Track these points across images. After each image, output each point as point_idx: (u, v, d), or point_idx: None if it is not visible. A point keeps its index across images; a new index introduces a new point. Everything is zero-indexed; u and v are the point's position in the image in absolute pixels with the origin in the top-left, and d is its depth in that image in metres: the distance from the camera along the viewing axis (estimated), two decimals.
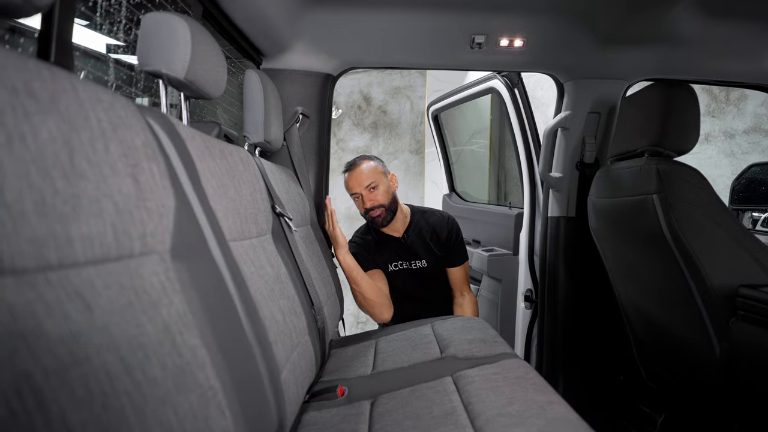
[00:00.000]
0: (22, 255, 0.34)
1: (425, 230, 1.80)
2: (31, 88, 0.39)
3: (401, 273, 1.79)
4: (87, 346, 0.36)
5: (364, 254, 1.73)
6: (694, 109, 1.22)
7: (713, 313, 1.11)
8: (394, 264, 1.78)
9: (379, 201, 1.67)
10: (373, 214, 1.68)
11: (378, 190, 1.67)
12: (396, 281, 1.78)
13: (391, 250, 1.78)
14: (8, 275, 0.32)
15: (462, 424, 0.84)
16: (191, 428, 0.45)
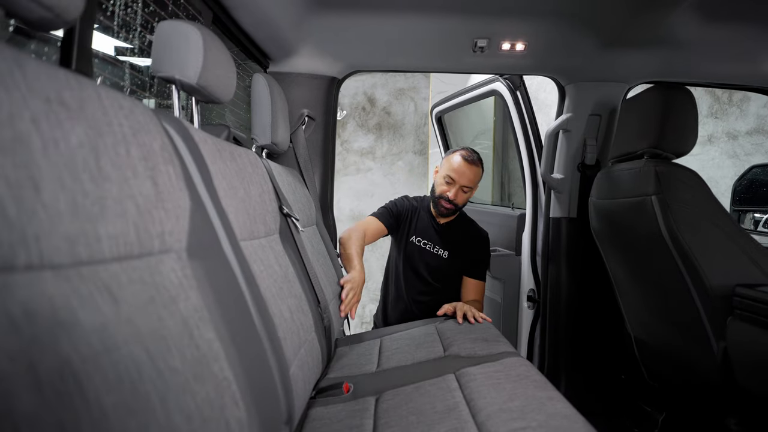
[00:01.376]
0: (58, 251, 0.37)
1: (462, 232, 1.85)
2: (61, 97, 0.42)
3: (420, 250, 1.82)
4: (116, 336, 0.39)
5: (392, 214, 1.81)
6: (692, 112, 1.25)
7: (711, 312, 1.13)
8: (419, 239, 1.82)
9: (460, 202, 1.73)
10: (447, 206, 1.73)
11: (467, 194, 1.74)
12: (413, 253, 1.82)
13: (425, 228, 1.83)
14: (47, 270, 0.35)
15: (464, 419, 0.87)
16: (208, 416, 0.48)
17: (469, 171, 1.69)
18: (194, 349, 0.50)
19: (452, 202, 1.71)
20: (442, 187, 1.73)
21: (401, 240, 1.84)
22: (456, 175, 1.69)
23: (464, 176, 1.69)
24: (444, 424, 0.86)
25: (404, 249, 1.83)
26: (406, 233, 1.83)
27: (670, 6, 1.26)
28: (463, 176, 1.69)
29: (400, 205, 1.84)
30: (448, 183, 1.71)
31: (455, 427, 0.84)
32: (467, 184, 1.70)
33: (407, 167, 4.53)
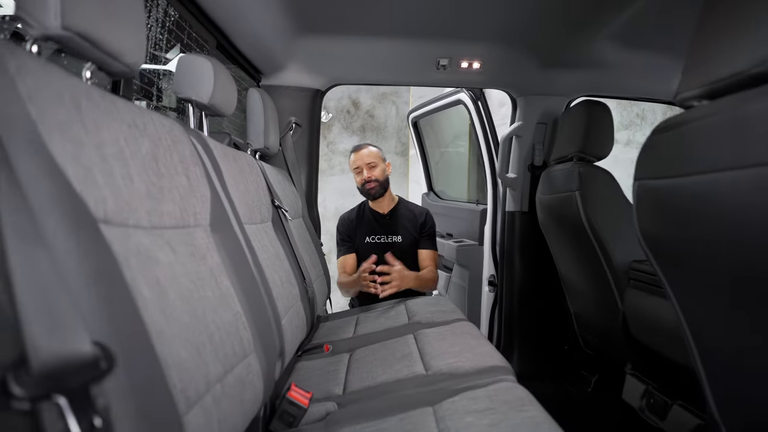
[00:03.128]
0: (141, 219, 0.62)
1: (406, 214, 2.15)
2: (135, 122, 0.67)
3: (375, 246, 2.09)
4: (177, 271, 0.64)
5: (345, 240, 2.12)
6: (609, 124, 1.53)
7: (617, 283, 1.41)
8: (371, 237, 2.12)
9: (375, 176, 2.05)
10: (369, 186, 2.05)
11: (376, 168, 2.06)
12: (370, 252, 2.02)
13: (372, 224, 2.13)
14: (140, 229, 0.60)
15: (415, 359, 1.14)
16: (229, 331, 0.73)
17: (361, 154, 2.07)
18: (217, 288, 0.75)
19: (370, 180, 2.04)
20: (357, 178, 2.09)
21: (359, 247, 2.12)
22: (356, 163, 2.07)
23: (361, 159, 2.06)
24: (400, 364, 1.12)
25: (361, 251, 2.10)
26: (359, 239, 2.12)
27: (594, 34, 1.54)
28: (360, 159, 2.06)
29: (343, 228, 2.14)
30: (358, 173, 2.07)
31: (407, 365, 1.11)
32: (368, 161, 2.05)
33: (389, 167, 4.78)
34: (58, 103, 0.50)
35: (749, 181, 0.59)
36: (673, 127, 0.75)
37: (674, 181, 0.73)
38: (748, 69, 0.60)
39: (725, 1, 0.68)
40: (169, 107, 1.72)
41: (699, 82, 0.70)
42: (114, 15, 0.64)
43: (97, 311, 0.44)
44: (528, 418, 0.76)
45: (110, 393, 0.41)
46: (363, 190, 2.09)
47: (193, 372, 0.58)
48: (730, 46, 0.65)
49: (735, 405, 0.81)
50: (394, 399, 0.93)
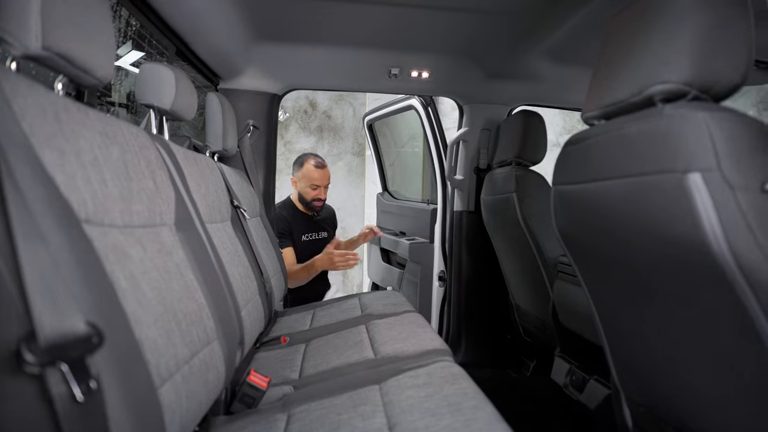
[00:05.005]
0: (115, 219, 0.69)
1: (325, 214, 2.48)
2: (106, 131, 0.74)
3: (311, 242, 2.36)
4: (147, 266, 0.72)
5: (284, 234, 2.25)
6: (543, 132, 1.70)
7: (548, 276, 1.58)
8: (306, 235, 2.35)
9: (325, 197, 2.33)
10: (319, 204, 2.30)
11: (328, 189, 2.33)
12: (308, 248, 2.32)
13: (305, 224, 2.35)
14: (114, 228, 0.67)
15: (366, 346, 1.25)
16: (194, 320, 0.81)
17: (325, 173, 2.26)
18: (182, 281, 0.83)
19: (322, 200, 2.29)
20: (311, 192, 2.26)
21: (296, 244, 2.29)
22: (318, 181, 2.24)
23: (324, 178, 2.26)
24: (351, 350, 1.23)
25: (300, 249, 2.28)
26: (296, 237, 2.31)
27: (532, 50, 1.70)
28: (323, 179, 2.26)
29: (281, 224, 2.26)
30: (315, 188, 2.25)
31: (358, 351, 1.21)
32: (327, 182, 2.29)
33: (347, 167, 4.86)
34: (44, 118, 0.57)
35: (630, 189, 0.74)
36: (579, 141, 0.90)
37: (578, 186, 0.88)
38: (629, 98, 0.75)
39: (615, 41, 0.83)
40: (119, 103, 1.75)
41: (596, 105, 0.84)
42: (88, 34, 0.71)
43: (86, 297, 0.52)
44: (459, 389, 0.89)
45: (100, 364, 0.49)
46: (309, 204, 2.28)
47: (164, 352, 0.66)
48: (617, 77, 0.80)
49: (629, 374, 0.97)
50: (345, 380, 1.04)
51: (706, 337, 0.71)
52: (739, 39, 0.65)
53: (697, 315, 0.71)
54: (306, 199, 2.28)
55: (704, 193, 0.60)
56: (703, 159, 0.60)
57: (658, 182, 0.67)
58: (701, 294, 0.67)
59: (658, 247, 0.71)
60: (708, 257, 0.62)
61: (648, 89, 0.70)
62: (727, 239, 0.59)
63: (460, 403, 0.82)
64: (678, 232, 0.65)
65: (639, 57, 0.75)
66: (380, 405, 0.87)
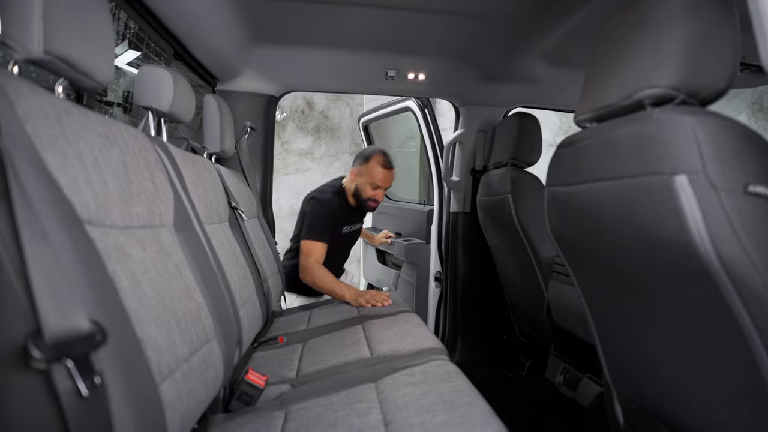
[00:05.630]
0: (116, 220, 0.70)
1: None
2: (106, 133, 0.76)
3: (350, 234, 2.20)
4: (147, 265, 0.73)
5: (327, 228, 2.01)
6: (538, 134, 1.72)
7: (543, 276, 1.60)
8: (347, 227, 2.16)
9: (382, 200, 2.12)
10: (374, 204, 2.10)
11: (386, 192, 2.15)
12: (345, 240, 2.17)
13: (348, 214, 2.14)
14: (115, 228, 0.69)
15: (363, 345, 1.26)
16: (193, 319, 0.83)
17: (391, 176, 2.07)
18: (182, 281, 0.84)
19: (378, 201, 2.09)
20: (370, 191, 2.05)
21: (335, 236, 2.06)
22: (382, 182, 2.04)
23: (388, 181, 2.06)
24: (348, 349, 1.25)
25: (338, 240, 2.10)
26: (338, 229, 2.10)
27: (527, 53, 1.72)
28: (387, 182, 2.06)
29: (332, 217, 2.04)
30: (375, 188, 2.05)
31: (355, 350, 1.23)
32: (389, 185, 2.09)
33: (344, 167, 4.87)
34: (46, 121, 0.59)
35: (619, 191, 0.76)
36: (571, 144, 0.91)
37: (570, 188, 0.90)
38: (619, 101, 0.77)
39: (606, 46, 0.84)
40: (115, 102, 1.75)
41: (588, 108, 0.86)
42: (88, 37, 0.72)
43: (89, 296, 0.53)
44: (454, 386, 0.90)
45: (104, 361, 0.50)
46: (363, 202, 2.09)
47: (164, 350, 0.68)
48: (608, 81, 0.82)
49: (620, 372, 0.99)
50: (342, 378, 1.05)
51: (692, 335, 0.73)
52: (724, 46, 0.67)
53: (684, 314, 0.72)
54: (362, 196, 2.07)
55: (690, 195, 0.62)
56: (689, 162, 0.62)
57: (646, 184, 0.69)
58: (688, 293, 0.69)
59: (646, 248, 0.73)
60: (694, 257, 0.63)
61: (637, 93, 0.72)
62: (711, 240, 0.61)
63: (454, 400, 0.83)
64: (665, 233, 0.67)
65: (629, 62, 0.76)
66: (376, 402, 0.89)
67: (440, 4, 1.40)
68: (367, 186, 2.05)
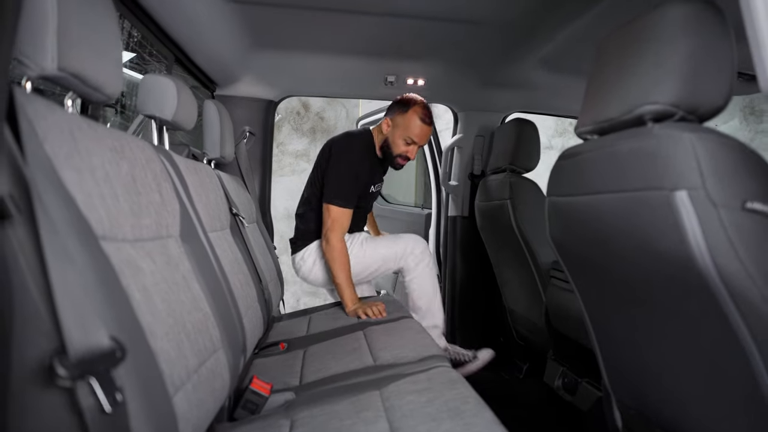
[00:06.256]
0: (126, 233, 0.71)
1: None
2: (115, 146, 0.76)
3: (374, 194, 1.97)
4: (157, 277, 0.74)
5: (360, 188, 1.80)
6: (536, 140, 1.74)
7: (541, 281, 1.62)
8: (374, 186, 1.93)
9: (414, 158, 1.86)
10: (403, 162, 1.85)
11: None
12: (368, 200, 1.95)
13: (375, 172, 1.91)
14: (126, 242, 0.69)
15: (364, 352, 1.27)
16: (201, 329, 0.83)
17: (428, 132, 1.79)
18: (189, 292, 0.85)
19: (409, 159, 1.84)
20: (402, 147, 1.79)
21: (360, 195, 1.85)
22: (418, 138, 1.77)
23: (424, 138, 1.80)
24: (350, 356, 1.26)
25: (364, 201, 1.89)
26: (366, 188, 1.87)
27: (525, 60, 1.74)
28: (423, 138, 1.79)
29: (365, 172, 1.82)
30: (409, 144, 1.78)
31: (357, 357, 1.24)
32: (424, 143, 1.84)
33: None
34: (62, 138, 0.59)
35: (620, 204, 0.77)
36: (572, 156, 0.93)
37: (572, 198, 0.91)
38: (620, 116, 0.79)
39: (607, 61, 0.86)
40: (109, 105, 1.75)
41: (590, 120, 0.88)
42: (100, 52, 0.73)
43: (107, 312, 0.54)
44: (458, 394, 0.91)
45: (123, 377, 0.51)
46: (392, 158, 1.83)
47: (176, 363, 0.68)
48: (609, 96, 0.83)
49: (620, 378, 1.01)
50: (346, 386, 1.06)
51: (692, 346, 0.75)
52: (722, 64, 0.69)
53: (683, 325, 0.74)
54: (393, 151, 1.80)
55: (690, 210, 0.64)
56: (689, 178, 0.64)
57: (647, 198, 0.70)
58: (687, 305, 0.71)
59: (647, 260, 0.75)
60: (693, 270, 0.65)
61: (638, 109, 0.74)
62: (711, 254, 0.63)
63: (459, 408, 0.85)
64: (665, 246, 0.69)
65: (630, 77, 0.78)
66: (382, 410, 0.90)
67: (439, 11, 1.41)
68: (401, 141, 1.78)
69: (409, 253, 1.86)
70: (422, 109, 1.76)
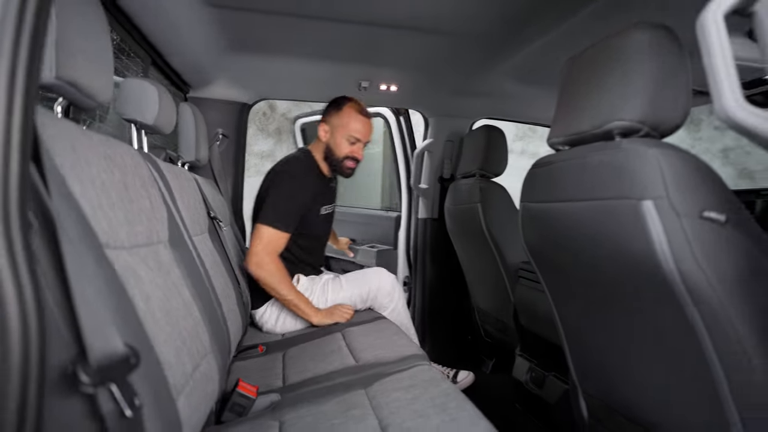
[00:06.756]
0: (123, 241, 0.72)
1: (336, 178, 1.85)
2: (107, 153, 0.77)
3: (328, 216, 1.81)
4: (153, 284, 0.75)
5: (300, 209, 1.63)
6: (503, 146, 1.83)
7: (510, 280, 1.71)
8: (324, 208, 1.77)
9: (361, 158, 1.72)
10: (352, 165, 1.72)
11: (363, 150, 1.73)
12: (323, 224, 1.80)
13: (323, 193, 1.76)
14: (123, 249, 0.70)
15: (345, 353, 1.31)
16: (191, 334, 0.85)
17: (370, 126, 1.71)
18: (180, 298, 0.86)
19: (357, 160, 1.70)
20: (346, 148, 1.68)
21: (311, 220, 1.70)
22: (360, 134, 1.67)
23: (367, 133, 1.70)
24: (331, 357, 1.29)
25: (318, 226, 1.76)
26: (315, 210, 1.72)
27: (493, 70, 1.82)
28: (366, 133, 1.70)
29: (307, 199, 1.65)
30: (353, 143, 1.68)
31: (339, 358, 1.27)
32: (369, 139, 1.73)
33: None
34: (65, 148, 0.60)
35: (591, 211, 0.85)
36: (545, 165, 1.00)
37: (545, 205, 0.98)
38: (591, 129, 0.86)
39: (577, 78, 0.94)
40: None
41: (561, 133, 0.95)
42: (94, 61, 0.73)
43: (118, 320, 0.55)
44: (441, 391, 0.97)
45: (137, 382, 0.53)
46: (339, 163, 1.70)
47: (176, 368, 0.70)
48: (580, 111, 0.91)
49: (586, 371, 1.09)
50: (331, 386, 1.09)
51: (654, 337, 0.83)
52: (681, 87, 0.78)
53: (648, 320, 0.82)
54: (337, 155, 1.68)
55: (655, 218, 0.71)
56: (654, 189, 0.71)
57: (617, 207, 0.78)
58: (652, 304, 0.79)
59: (616, 262, 0.82)
60: (658, 272, 0.73)
61: (607, 124, 0.81)
62: (674, 257, 0.70)
63: (444, 404, 0.90)
64: (633, 250, 0.77)
65: (599, 94, 0.86)
66: (369, 408, 0.94)
67: (414, 22, 1.46)
68: (343, 141, 1.67)
69: (378, 290, 1.76)
70: (357, 104, 1.70)
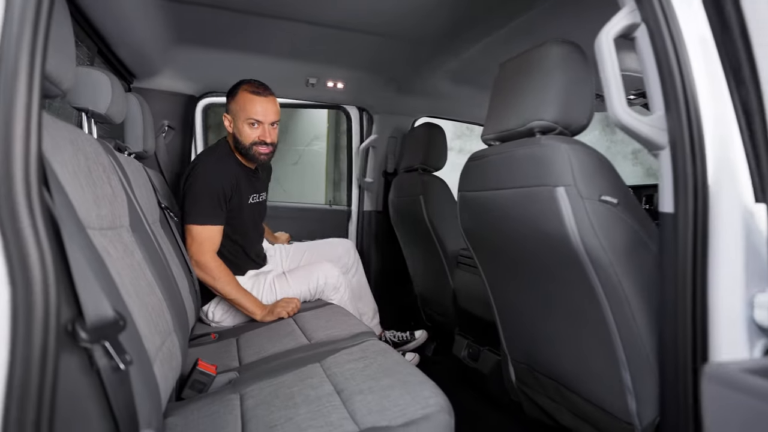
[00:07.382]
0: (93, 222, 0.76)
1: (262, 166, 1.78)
2: (73, 140, 0.80)
3: (258, 206, 1.76)
4: (123, 264, 0.80)
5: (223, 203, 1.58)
6: (443, 142, 1.98)
7: (449, 266, 1.86)
8: (252, 197, 1.71)
9: (275, 140, 1.62)
10: (265, 150, 1.60)
11: (276, 129, 1.62)
12: (254, 215, 1.75)
13: (248, 182, 1.70)
14: (96, 230, 0.75)
15: (299, 334, 1.38)
16: (158, 312, 0.89)
17: (271, 104, 1.58)
18: (144, 278, 0.91)
19: (269, 143, 1.60)
20: (251, 133, 1.57)
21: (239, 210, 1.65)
22: (260, 115, 1.56)
23: (269, 112, 1.57)
24: (286, 339, 1.36)
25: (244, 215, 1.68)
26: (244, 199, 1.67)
27: (434, 72, 1.96)
28: (268, 113, 1.57)
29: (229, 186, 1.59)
30: (255, 126, 1.57)
31: (293, 339, 1.35)
32: (275, 118, 1.59)
33: None
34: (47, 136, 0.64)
35: (516, 197, 0.99)
36: (479, 158, 1.14)
37: (479, 193, 1.12)
38: (516, 127, 1.00)
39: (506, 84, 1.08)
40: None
41: (492, 131, 1.09)
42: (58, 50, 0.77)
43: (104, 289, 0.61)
44: (391, 359, 1.08)
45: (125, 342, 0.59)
46: (248, 151, 1.59)
47: (149, 338, 0.76)
48: (507, 111, 1.05)
49: (514, 340, 1.24)
50: (287, 362, 1.17)
51: (566, 301, 0.99)
52: (586, 94, 0.93)
53: (561, 286, 0.98)
54: (243, 143, 1.58)
55: (566, 201, 0.86)
56: (565, 178, 0.86)
57: (537, 193, 0.92)
58: (564, 270, 0.95)
59: (536, 239, 0.97)
60: (568, 246, 0.88)
61: (530, 123, 0.96)
62: (579, 233, 0.86)
63: (394, 368, 1.01)
64: (550, 228, 0.91)
65: (523, 98, 1.00)
66: (325, 377, 1.03)
67: (360, 24, 1.56)
68: (246, 126, 1.57)
69: (325, 285, 1.75)
70: (251, 84, 1.58)
